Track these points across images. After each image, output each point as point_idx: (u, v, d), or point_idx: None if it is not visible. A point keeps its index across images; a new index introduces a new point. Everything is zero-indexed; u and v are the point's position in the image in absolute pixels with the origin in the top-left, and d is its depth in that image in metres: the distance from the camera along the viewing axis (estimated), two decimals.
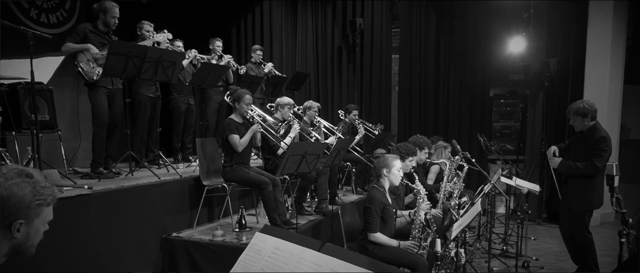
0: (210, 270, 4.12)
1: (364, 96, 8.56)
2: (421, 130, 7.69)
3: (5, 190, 1.35)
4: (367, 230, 3.65)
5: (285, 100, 5.42)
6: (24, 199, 1.38)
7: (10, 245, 1.42)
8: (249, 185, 4.64)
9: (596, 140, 4.20)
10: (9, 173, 1.38)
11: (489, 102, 8.13)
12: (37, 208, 1.42)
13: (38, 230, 1.47)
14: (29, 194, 1.39)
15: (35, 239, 1.48)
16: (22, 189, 1.38)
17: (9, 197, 1.35)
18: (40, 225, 1.47)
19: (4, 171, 1.39)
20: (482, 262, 5.02)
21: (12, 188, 1.36)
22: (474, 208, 3.63)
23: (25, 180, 1.40)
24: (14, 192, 1.36)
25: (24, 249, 1.46)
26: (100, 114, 4.61)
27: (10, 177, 1.38)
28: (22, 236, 1.42)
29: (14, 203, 1.36)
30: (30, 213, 1.41)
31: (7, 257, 1.45)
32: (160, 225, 4.40)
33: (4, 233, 1.39)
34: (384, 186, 3.77)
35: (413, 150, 4.48)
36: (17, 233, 1.40)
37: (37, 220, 1.45)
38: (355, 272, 1.50)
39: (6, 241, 1.41)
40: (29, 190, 1.39)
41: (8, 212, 1.36)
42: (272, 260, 1.85)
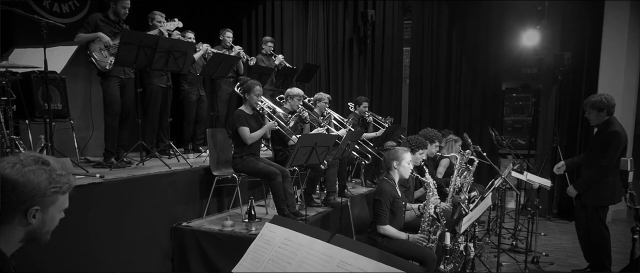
0: (219, 259, 4.16)
1: (374, 88, 8.52)
2: (431, 123, 7.65)
3: (22, 176, 1.37)
4: (376, 222, 3.65)
5: (295, 91, 5.42)
6: (39, 186, 1.40)
7: (26, 231, 1.45)
8: (258, 176, 4.66)
9: (607, 134, 4.16)
10: (25, 160, 1.41)
11: (501, 96, 8.06)
12: (53, 195, 1.44)
13: (53, 217, 1.49)
14: (45, 181, 1.41)
15: (50, 226, 1.50)
16: (38, 176, 1.40)
17: (25, 184, 1.37)
18: (56, 212, 1.49)
19: (21, 158, 1.41)
20: (491, 256, 5.01)
21: (28, 175, 1.38)
22: (484, 203, 3.62)
23: (42, 167, 1.42)
24: (30, 179, 1.38)
25: (39, 236, 1.49)
26: (112, 103, 4.66)
27: (27, 163, 1.40)
28: (38, 223, 1.45)
29: (30, 189, 1.38)
30: (46, 201, 1.43)
31: (23, 243, 1.48)
32: (170, 215, 4.45)
33: (19, 219, 1.41)
34: (393, 179, 3.77)
35: (423, 143, 4.46)
36: (32, 220, 1.42)
37: (53, 208, 1.47)
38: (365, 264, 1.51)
39: (22, 227, 1.43)
40: (45, 178, 1.41)
41: (24, 198, 1.38)
42: (282, 251, 1.86)
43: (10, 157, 1.42)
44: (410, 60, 8.38)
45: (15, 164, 1.39)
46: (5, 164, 1.39)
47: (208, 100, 6.41)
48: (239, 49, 6.56)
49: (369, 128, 6.77)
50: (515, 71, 8.67)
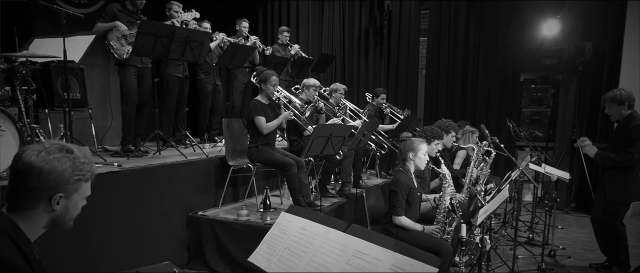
0: (234, 248, 4.21)
1: (390, 79, 8.47)
2: (448, 114, 7.59)
3: (47, 163, 1.41)
4: (391, 213, 3.65)
5: (311, 82, 5.43)
6: (63, 174, 1.44)
7: (50, 217, 1.49)
8: (273, 166, 4.69)
9: (632, 129, 4.08)
10: (50, 148, 1.44)
11: (519, 87, 7.96)
12: (76, 183, 1.49)
13: (76, 204, 1.53)
14: (69, 169, 1.45)
15: (73, 213, 1.54)
16: (62, 164, 1.44)
17: (49, 171, 1.41)
18: (79, 199, 1.53)
19: (46, 146, 1.45)
20: (507, 249, 4.98)
21: (53, 163, 1.42)
22: (501, 194, 3.60)
23: (66, 155, 1.46)
24: (55, 166, 1.42)
25: (62, 222, 1.53)
26: (129, 92, 4.72)
27: (52, 151, 1.44)
28: (61, 209, 1.49)
29: (54, 177, 1.42)
30: (69, 188, 1.47)
31: (47, 228, 1.53)
32: (186, 204, 4.50)
33: (44, 205, 1.45)
34: (409, 170, 3.76)
35: (439, 133, 4.44)
36: (56, 206, 1.47)
37: (76, 195, 1.51)
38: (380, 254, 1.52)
39: (46, 213, 1.47)
40: (69, 165, 1.45)
41: (49, 185, 1.42)
42: (298, 240, 1.88)
43: (35, 145, 1.45)
44: (427, 51, 8.31)
45: (40, 152, 1.42)
46: (31, 152, 1.42)
47: (224, 90, 6.44)
48: (254, 39, 6.57)
49: (386, 120, 6.75)
50: (534, 62, 8.53)
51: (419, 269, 1.39)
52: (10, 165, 1.45)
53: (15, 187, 1.44)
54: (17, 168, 1.42)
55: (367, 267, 1.52)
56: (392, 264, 1.46)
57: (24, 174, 1.41)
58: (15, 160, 1.44)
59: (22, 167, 1.41)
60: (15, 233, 1.41)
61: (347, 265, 1.58)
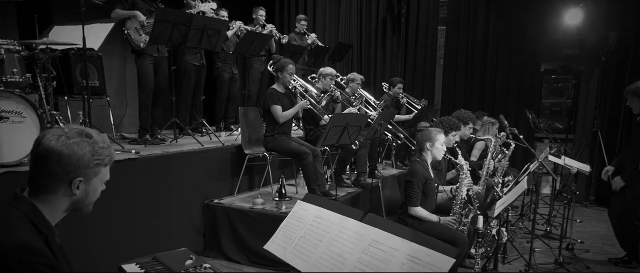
0: (250, 237, 4.25)
1: (408, 68, 8.41)
2: (466, 105, 7.51)
3: (67, 148, 1.44)
4: (408, 204, 3.65)
5: (328, 71, 5.42)
6: (83, 158, 1.46)
7: (70, 202, 1.52)
8: (289, 155, 4.70)
9: None
10: (70, 133, 1.47)
11: (540, 78, 7.84)
12: (96, 168, 1.51)
13: (96, 188, 1.56)
14: (89, 154, 1.47)
15: (93, 197, 1.57)
16: (82, 149, 1.46)
17: (69, 156, 1.44)
18: (98, 184, 1.56)
19: (66, 130, 1.47)
20: (524, 242, 4.94)
21: (73, 147, 1.44)
22: (519, 187, 3.57)
23: (86, 140, 1.48)
24: (75, 151, 1.45)
25: (82, 206, 1.56)
26: (146, 81, 4.77)
27: (72, 136, 1.46)
28: (81, 194, 1.52)
29: (75, 161, 1.45)
30: (89, 173, 1.50)
31: (67, 212, 1.56)
32: (202, 192, 4.55)
33: (64, 190, 1.48)
34: (426, 160, 3.74)
35: (457, 125, 4.40)
36: (76, 191, 1.49)
37: (95, 180, 1.54)
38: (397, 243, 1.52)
39: (67, 198, 1.50)
40: (89, 150, 1.47)
41: (69, 170, 1.45)
42: (314, 229, 1.89)
43: (56, 130, 1.48)
44: (446, 40, 8.22)
45: (60, 136, 1.45)
46: (51, 136, 1.45)
47: (240, 79, 6.47)
48: (271, 27, 6.57)
49: (403, 110, 6.72)
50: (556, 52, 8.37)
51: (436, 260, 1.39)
52: (32, 150, 1.48)
53: (36, 172, 1.46)
54: (38, 152, 1.45)
55: (384, 257, 1.52)
56: (408, 254, 1.46)
57: (45, 158, 1.43)
58: (36, 145, 1.47)
59: (42, 151, 1.43)
60: (37, 217, 1.44)
61: (363, 254, 1.59)
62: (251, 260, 4.22)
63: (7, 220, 1.40)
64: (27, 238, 1.36)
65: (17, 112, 3.20)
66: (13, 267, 1.30)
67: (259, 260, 4.16)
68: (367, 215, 1.69)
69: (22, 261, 1.31)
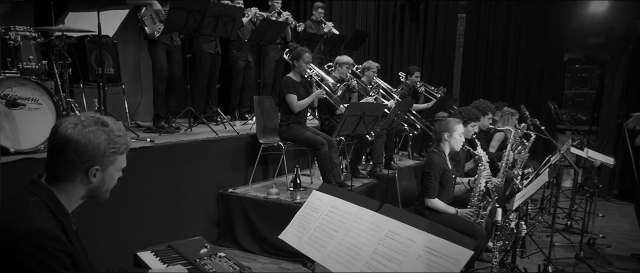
0: (264, 226, 4.29)
1: (426, 57, 8.35)
2: (485, 95, 7.44)
3: (83, 137, 1.46)
4: (424, 195, 3.64)
5: (345, 59, 5.40)
6: (99, 147, 1.49)
7: (87, 189, 1.56)
8: (304, 144, 4.72)
9: None
10: (86, 121, 1.49)
11: (563, 67, 7.71)
12: (112, 156, 1.54)
13: (112, 176, 1.59)
14: (105, 142, 1.50)
15: (109, 185, 1.61)
16: (97, 137, 1.49)
17: (86, 144, 1.47)
18: (115, 171, 1.59)
19: (82, 118, 1.50)
20: (543, 236, 4.90)
21: (88, 136, 1.47)
22: (539, 179, 3.53)
23: (101, 128, 1.50)
24: (91, 140, 1.47)
25: (99, 194, 1.60)
26: (160, 68, 4.81)
27: (88, 124, 1.49)
28: (98, 181, 1.55)
29: (91, 150, 1.48)
30: (105, 160, 1.53)
31: (84, 199, 1.60)
32: (216, 181, 4.60)
33: (81, 178, 1.52)
34: (444, 151, 3.72)
35: (476, 115, 4.36)
36: (93, 179, 1.53)
37: (112, 167, 1.57)
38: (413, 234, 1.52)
39: (83, 185, 1.54)
40: (104, 139, 1.50)
41: (85, 158, 1.48)
42: (329, 218, 1.91)
43: (72, 118, 1.51)
44: (465, 28, 8.12)
45: (76, 125, 1.47)
46: (67, 124, 1.48)
47: (255, 67, 6.48)
48: (287, 14, 6.55)
49: (420, 99, 6.68)
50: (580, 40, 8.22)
51: (454, 251, 1.39)
52: (48, 137, 1.51)
53: (53, 159, 1.50)
54: (55, 140, 1.48)
55: (400, 248, 1.53)
56: (425, 245, 1.46)
57: (61, 147, 1.46)
58: (52, 133, 1.50)
59: (59, 140, 1.46)
60: (53, 204, 1.48)
61: (379, 245, 1.59)
62: (265, 250, 4.26)
63: (24, 206, 1.43)
64: (43, 224, 1.39)
65: (33, 99, 3.26)
66: (29, 251, 1.33)
67: (273, 250, 4.20)
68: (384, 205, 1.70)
69: (37, 245, 1.35)
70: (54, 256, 1.37)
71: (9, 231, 1.36)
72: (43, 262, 1.35)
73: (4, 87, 3.10)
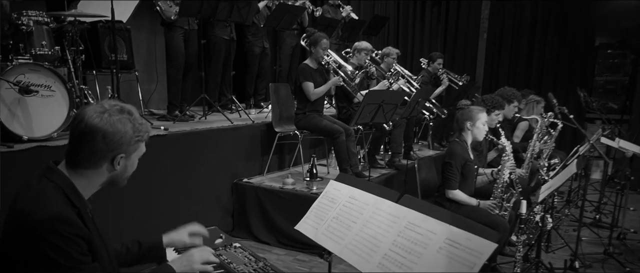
0: (279, 217, 4.31)
1: (448, 43, 8.26)
2: (510, 82, 7.34)
3: (111, 126, 1.50)
4: (445, 186, 3.62)
5: (363, 45, 5.37)
6: (126, 135, 1.54)
7: (109, 176, 1.61)
8: (321, 133, 4.72)
9: None
10: (111, 110, 1.53)
11: (593, 53, 7.56)
12: (136, 144, 1.60)
13: (134, 163, 1.66)
14: (131, 131, 1.55)
15: (130, 171, 1.67)
16: (124, 125, 1.53)
17: (113, 133, 1.51)
18: (136, 158, 1.65)
19: (106, 107, 1.53)
20: (570, 230, 4.84)
21: (116, 125, 1.51)
22: (567, 170, 3.48)
23: (127, 116, 1.55)
24: (118, 129, 1.52)
25: (119, 180, 1.65)
26: (176, 55, 4.84)
27: (113, 113, 1.52)
28: (121, 169, 1.61)
29: (118, 139, 1.52)
30: (130, 149, 1.58)
31: (103, 186, 1.65)
32: (231, 170, 4.63)
33: (107, 165, 1.57)
34: (466, 141, 3.69)
35: (501, 103, 4.30)
36: (117, 167, 1.58)
37: (134, 154, 1.63)
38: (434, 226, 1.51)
39: (107, 173, 1.59)
40: (130, 127, 1.55)
41: (113, 146, 1.53)
42: (347, 209, 1.91)
43: (95, 106, 1.54)
44: (490, 12, 8.01)
45: (102, 113, 1.51)
46: (93, 113, 1.51)
47: (271, 54, 6.48)
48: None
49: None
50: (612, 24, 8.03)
51: (476, 244, 1.38)
52: (72, 126, 1.54)
53: (77, 148, 1.52)
54: (81, 129, 1.50)
55: (420, 240, 1.52)
56: (446, 237, 1.46)
57: (89, 136, 1.49)
58: (77, 121, 1.52)
59: (86, 129, 1.49)
60: (70, 190, 1.52)
61: (399, 236, 1.59)
62: (280, 241, 4.29)
63: (40, 191, 1.47)
64: (60, 209, 1.43)
65: (46, 86, 3.31)
66: (46, 237, 1.37)
67: (288, 241, 4.22)
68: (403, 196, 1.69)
69: (53, 230, 1.38)
70: (71, 241, 1.41)
71: (26, 217, 1.40)
72: (60, 247, 1.39)
73: (17, 73, 3.16)
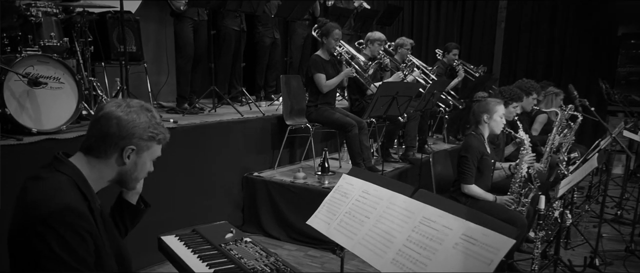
0: (290, 212, 4.33)
1: (464, 33, 8.20)
2: (529, 73, 7.29)
3: (126, 114, 1.58)
4: (460, 180, 3.60)
5: (376, 35, 5.34)
6: (139, 125, 1.59)
7: (118, 171, 1.64)
8: (333, 126, 4.72)
9: None
10: (131, 103, 1.62)
11: (616, 43, 7.46)
12: (149, 141, 1.64)
13: (144, 164, 1.69)
14: (145, 123, 1.60)
15: (140, 173, 1.70)
16: (140, 117, 1.60)
17: (127, 121, 1.57)
18: (148, 159, 1.69)
19: (128, 101, 1.62)
20: (590, 226, 4.80)
21: (132, 114, 1.59)
22: (588, 164, 3.45)
23: (145, 112, 1.62)
24: (133, 118, 1.58)
25: (128, 179, 1.69)
26: (185, 46, 4.85)
27: (133, 105, 1.61)
28: (130, 165, 1.64)
29: (131, 127, 1.58)
30: (142, 144, 1.62)
31: (111, 183, 1.68)
32: (241, 164, 4.65)
33: (117, 157, 1.60)
34: (482, 134, 3.67)
35: (519, 95, 4.26)
36: (126, 160, 1.61)
37: (146, 154, 1.66)
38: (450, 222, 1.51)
39: (116, 166, 1.62)
40: (146, 120, 1.61)
41: (124, 133, 1.57)
42: (360, 204, 1.91)
43: (119, 99, 1.65)
44: (508, 0, 7.93)
45: (121, 105, 1.60)
46: (113, 103, 1.61)
47: (282, 45, 6.48)
48: None
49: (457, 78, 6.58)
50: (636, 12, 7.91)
51: (494, 240, 1.37)
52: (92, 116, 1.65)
53: (92, 134, 1.59)
54: (98, 116, 1.59)
55: (435, 235, 1.52)
56: (463, 233, 1.45)
57: (104, 120, 1.57)
58: (97, 110, 1.62)
59: (103, 115, 1.58)
60: (81, 182, 1.55)
61: (413, 232, 1.59)
62: (291, 236, 4.31)
63: (53, 182, 1.50)
64: (72, 201, 1.46)
65: (55, 78, 3.34)
66: (55, 227, 1.39)
67: (299, 236, 4.24)
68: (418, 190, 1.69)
69: (64, 222, 1.41)
70: (80, 236, 1.43)
71: (38, 207, 1.42)
72: (67, 242, 1.40)
73: (26, 65, 3.18)
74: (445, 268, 1.44)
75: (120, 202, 1.87)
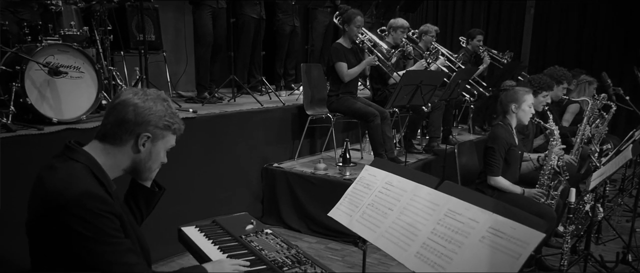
0: (310, 203, 4.34)
1: (491, 19, 8.09)
2: (559, 60, 7.15)
3: (143, 102, 1.63)
4: (487, 172, 3.57)
5: (400, 23, 5.30)
6: (156, 113, 1.64)
7: (132, 159, 1.68)
8: (355, 116, 4.71)
9: None
10: (149, 91, 1.67)
11: None
12: (164, 129, 1.68)
13: (159, 153, 1.73)
14: (161, 112, 1.65)
15: (154, 163, 1.74)
16: (156, 105, 1.65)
17: (144, 108, 1.62)
18: (162, 149, 1.73)
19: (146, 91, 1.67)
20: (622, 220, 4.72)
21: (148, 102, 1.63)
22: (622, 156, 3.38)
23: (162, 102, 1.67)
24: (150, 105, 1.63)
25: (142, 169, 1.73)
26: (204, 34, 4.88)
27: (150, 94, 1.66)
28: (145, 153, 1.68)
29: (147, 114, 1.62)
30: (157, 132, 1.66)
31: (125, 172, 1.72)
32: (261, 154, 4.67)
33: (132, 144, 1.64)
34: (510, 124, 3.62)
35: (549, 84, 4.19)
36: (141, 148, 1.65)
37: (160, 143, 1.70)
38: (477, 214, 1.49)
39: (131, 153, 1.66)
40: (162, 109, 1.66)
41: (140, 119, 1.62)
42: (383, 196, 1.90)
43: (137, 88, 1.68)
44: None
45: (138, 93, 1.65)
46: (131, 91, 1.65)
47: (302, 33, 6.46)
48: None
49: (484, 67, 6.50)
50: None
51: (523, 233, 1.36)
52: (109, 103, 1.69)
53: (109, 120, 1.64)
54: (115, 103, 1.64)
55: (461, 228, 1.51)
56: (490, 226, 1.44)
57: (121, 107, 1.61)
58: (115, 98, 1.67)
59: (119, 102, 1.63)
60: (96, 169, 1.59)
61: (438, 225, 1.58)
62: (311, 229, 4.33)
63: (69, 171, 1.54)
64: (90, 186, 1.50)
65: (75, 67, 3.39)
66: (79, 214, 1.44)
67: (320, 228, 4.25)
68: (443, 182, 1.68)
69: (85, 207, 1.45)
70: (104, 217, 1.48)
71: (57, 196, 1.46)
72: (93, 223, 1.46)
73: (46, 54, 3.24)
74: (471, 262, 1.43)
75: (134, 187, 1.90)
